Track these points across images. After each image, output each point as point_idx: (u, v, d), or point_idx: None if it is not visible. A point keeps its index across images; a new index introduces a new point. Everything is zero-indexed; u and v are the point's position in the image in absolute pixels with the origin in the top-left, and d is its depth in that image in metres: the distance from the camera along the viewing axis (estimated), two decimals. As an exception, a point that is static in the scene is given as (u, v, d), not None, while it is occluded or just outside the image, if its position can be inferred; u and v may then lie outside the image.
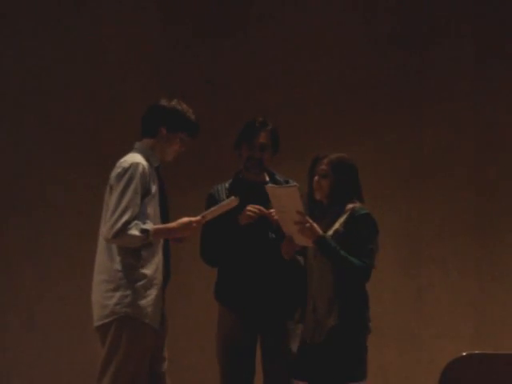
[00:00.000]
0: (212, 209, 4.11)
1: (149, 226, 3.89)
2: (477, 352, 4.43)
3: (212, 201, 4.41)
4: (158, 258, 3.98)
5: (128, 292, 3.86)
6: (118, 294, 3.86)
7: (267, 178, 4.42)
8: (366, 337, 4.00)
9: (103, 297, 3.89)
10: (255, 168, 4.39)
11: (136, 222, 3.85)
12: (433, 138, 6.11)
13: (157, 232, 3.92)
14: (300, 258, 4.26)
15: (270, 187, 4.08)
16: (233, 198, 4.13)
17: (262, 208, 4.24)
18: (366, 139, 6.06)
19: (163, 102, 4.12)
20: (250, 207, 4.22)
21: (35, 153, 5.97)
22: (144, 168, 3.93)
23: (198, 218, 4.02)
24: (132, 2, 6.09)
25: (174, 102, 4.11)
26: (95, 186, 5.93)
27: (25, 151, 5.98)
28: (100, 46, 6.03)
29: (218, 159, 5.61)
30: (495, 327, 5.97)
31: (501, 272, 6.04)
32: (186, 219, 3.98)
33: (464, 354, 4.29)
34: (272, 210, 4.19)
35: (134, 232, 3.84)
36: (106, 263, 3.92)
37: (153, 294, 3.92)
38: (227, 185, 4.46)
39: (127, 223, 3.82)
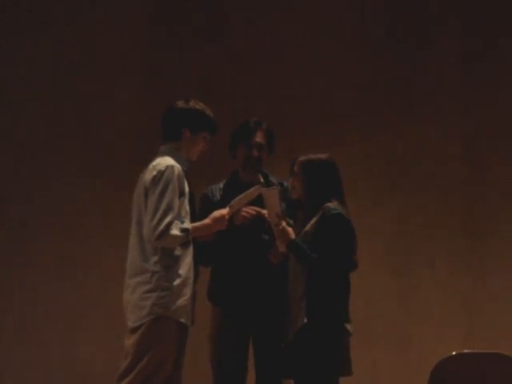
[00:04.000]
0: (237, 198, 4.17)
1: (187, 224, 3.99)
2: (467, 351, 4.46)
3: (206, 201, 4.41)
4: (190, 258, 4.04)
5: (165, 293, 3.92)
6: (154, 295, 3.92)
7: (262, 179, 4.43)
8: (338, 337, 3.97)
9: (141, 298, 3.95)
10: (253, 168, 4.39)
11: (175, 221, 3.93)
12: (422, 139, 6.13)
13: (195, 230, 4.03)
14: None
15: (262, 190, 4.14)
16: (257, 186, 4.21)
17: (257, 209, 4.25)
18: (355, 140, 6.08)
19: (182, 104, 4.14)
20: (246, 208, 4.24)
21: (27, 153, 5.96)
22: (179, 170, 3.99)
23: (226, 209, 4.12)
24: (125, 3, 6.09)
25: (192, 103, 4.13)
26: (86, 186, 5.96)
27: (17, 151, 5.97)
28: (92, 46, 6.03)
29: (212, 160, 5.62)
30: (485, 327, 5.98)
31: (490, 271, 6.06)
32: (217, 213, 4.10)
33: (454, 353, 4.32)
34: (265, 211, 4.22)
35: (176, 232, 3.92)
36: (141, 265, 3.98)
37: (187, 293, 4.00)
38: (222, 185, 4.47)
39: (169, 224, 3.90)
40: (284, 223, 4.01)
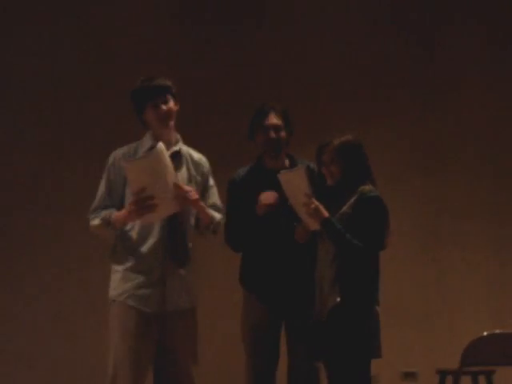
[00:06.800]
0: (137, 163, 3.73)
1: (108, 212, 3.86)
2: (497, 332, 4.46)
3: (234, 186, 4.37)
4: (153, 240, 3.88)
5: (117, 276, 3.89)
6: (112, 278, 3.92)
7: (287, 163, 4.41)
8: (370, 317, 3.93)
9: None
10: (274, 150, 4.34)
11: (99, 211, 3.87)
12: (451, 121, 6.13)
13: (118, 218, 3.83)
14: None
15: (280, 174, 4.05)
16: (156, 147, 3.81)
17: (275, 193, 4.20)
18: (384, 121, 6.09)
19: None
20: (263, 197, 4.18)
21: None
22: (115, 158, 3.93)
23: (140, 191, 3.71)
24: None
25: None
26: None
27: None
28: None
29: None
30: (514, 307, 6.00)
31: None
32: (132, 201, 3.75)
33: (485, 333, 4.32)
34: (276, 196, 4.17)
35: (95, 222, 3.86)
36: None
37: (142, 277, 3.84)
38: (248, 169, 4.44)
39: (90, 213, 3.89)
40: (316, 201, 3.97)
